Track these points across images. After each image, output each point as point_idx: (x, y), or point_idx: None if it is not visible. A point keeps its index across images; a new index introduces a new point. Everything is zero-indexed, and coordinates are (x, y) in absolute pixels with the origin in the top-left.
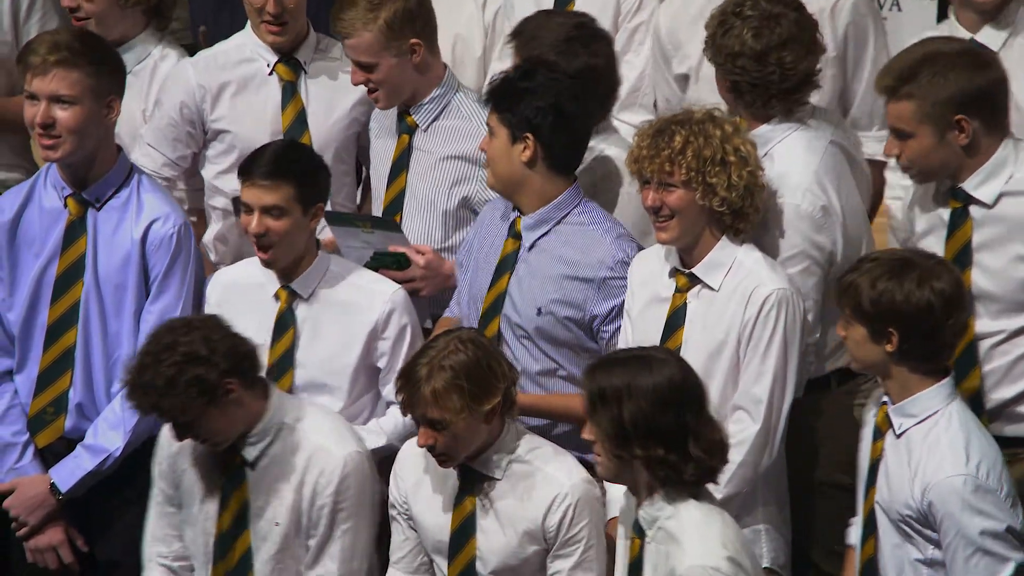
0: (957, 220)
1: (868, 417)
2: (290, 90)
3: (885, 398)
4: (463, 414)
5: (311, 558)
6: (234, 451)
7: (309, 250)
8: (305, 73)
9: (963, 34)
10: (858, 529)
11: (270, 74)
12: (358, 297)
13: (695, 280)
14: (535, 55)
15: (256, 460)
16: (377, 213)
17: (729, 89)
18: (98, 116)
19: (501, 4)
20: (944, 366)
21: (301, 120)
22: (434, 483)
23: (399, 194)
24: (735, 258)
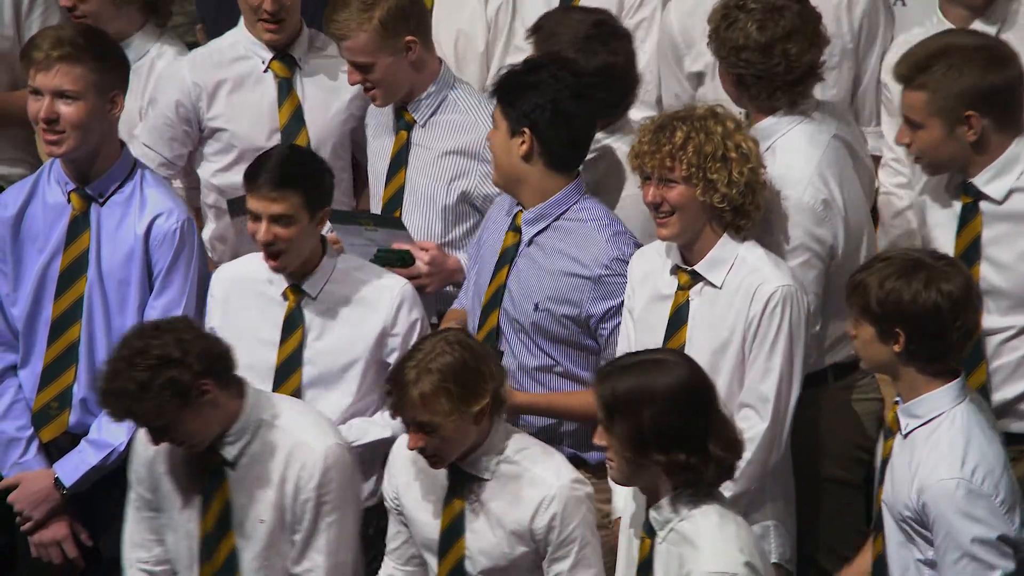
0: (967, 215)
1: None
2: (286, 87)
3: (898, 397)
4: (452, 417)
5: (297, 553)
6: (213, 452)
7: (316, 250)
8: (300, 69)
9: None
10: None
11: (265, 71)
12: (366, 293)
13: (697, 277)
14: (554, 51)
15: (236, 459)
16: (375, 210)
17: (734, 82)
18: (101, 111)
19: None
20: (954, 367)
21: (298, 116)
22: (425, 482)
23: (398, 190)
24: (737, 255)
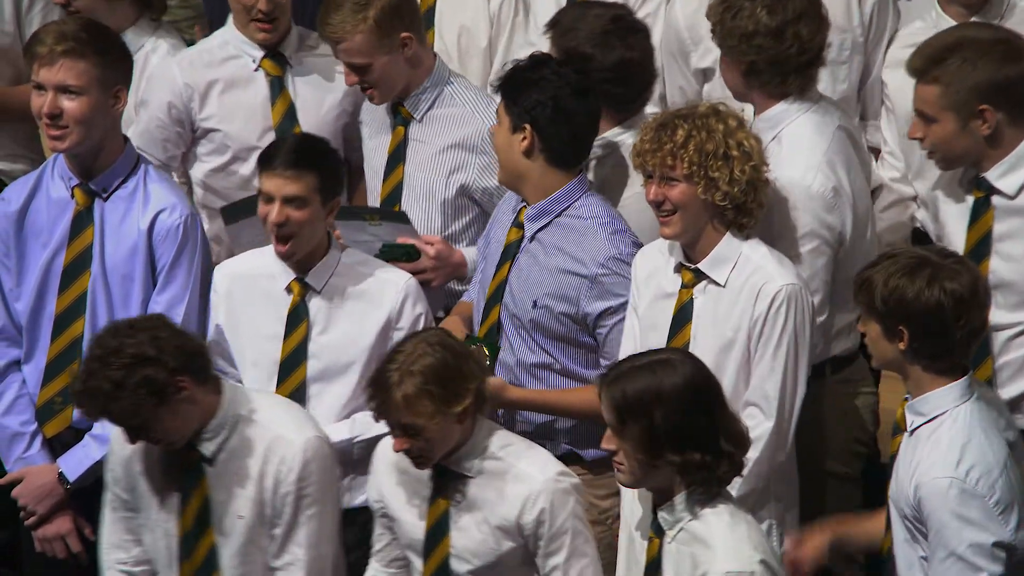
0: (979, 210)
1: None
2: (278, 85)
3: (908, 394)
4: (436, 418)
5: (277, 547)
6: (191, 449)
7: (323, 242)
8: (290, 68)
9: (949, 25)
10: None
11: (256, 70)
12: (370, 287)
13: (701, 276)
14: (571, 46)
15: (214, 455)
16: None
17: (744, 72)
18: (105, 106)
19: None
20: (962, 365)
21: (291, 115)
22: (409, 483)
23: (396, 186)
24: (740, 253)
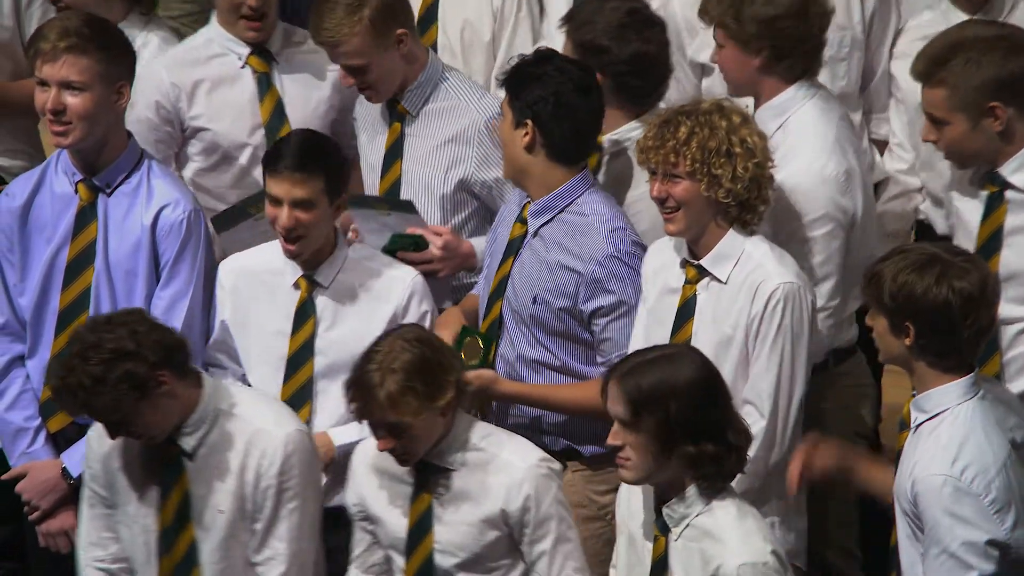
0: (992, 204)
1: None
2: (265, 82)
3: (914, 390)
4: (421, 415)
5: (258, 541)
6: (171, 443)
7: (330, 238)
8: (277, 64)
9: (958, 17)
10: None
11: (243, 67)
12: (377, 283)
13: (704, 272)
14: (587, 40)
15: (194, 450)
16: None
17: (766, 59)
18: (108, 102)
19: None
20: (968, 363)
21: (279, 111)
22: (390, 482)
23: (395, 182)
24: (743, 250)
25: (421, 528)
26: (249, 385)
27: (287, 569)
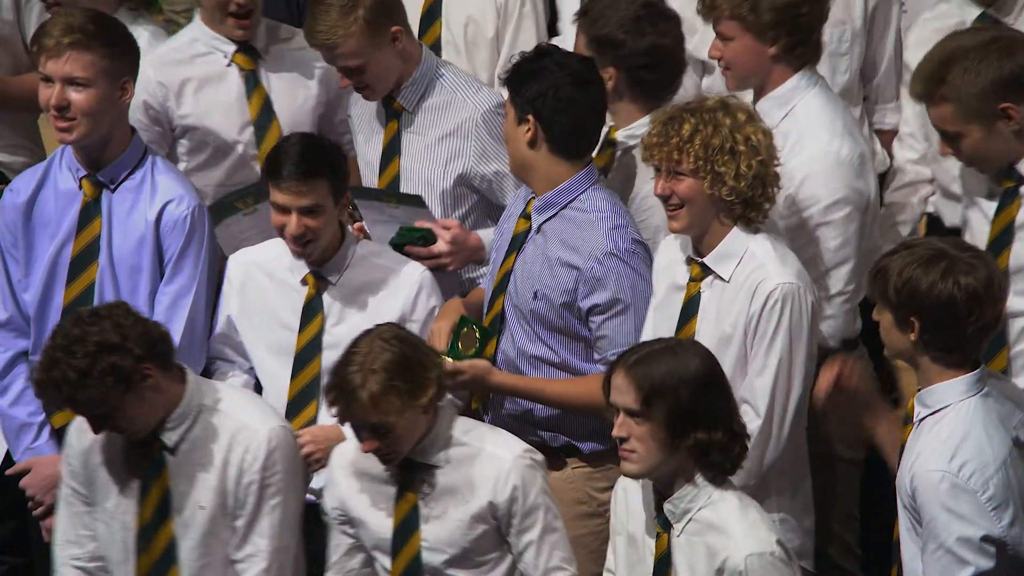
0: (1006, 199)
1: None
2: (252, 79)
3: (920, 384)
4: (404, 414)
5: (239, 538)
6: (153, 438)
7: (336, 235)
8: (263, 61)
9: (972, 9)
10: None
11: (228, 65)
12: (385, 279)
13: (707, 270)
14: (602, 34)
15: (176, 445)
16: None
17: (782, 48)
18: (112, 98)
19: None
20: (973, 359)
21: (267, 108)
22: (371, 483)
23: (394, 179)
24: (747, 249)
25: (406, 528)
26: (257, 379)
27: (268, 566)
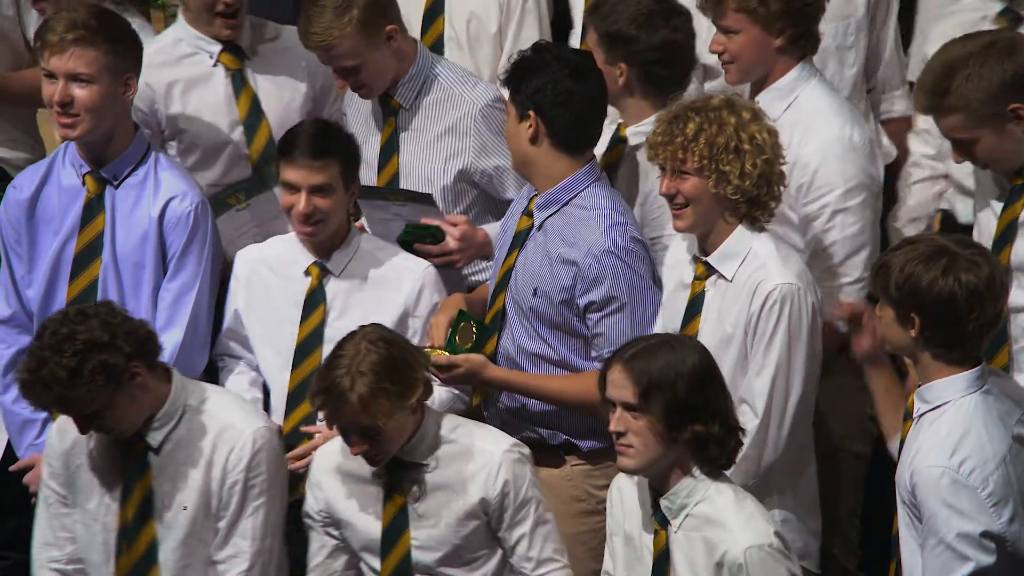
0: (1013, 196)
1: None
2: (239, 78)
3: (920, 380)
4: (394, 415)
5: (221, 539)
6: (137, 439)
7: (343, 226)
8: (249, 60)
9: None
10: None
11: (215, 65)
12: (388, 274)
13: (711, 269)
14: (614, 30)
15: (161, 445)
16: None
17: (790, 36)
18: (115, 94)
19: None
20: (974, 356)
21: (256, 107)
22: (357, 485)
23: (393, 176)
24: (750, 248)
25: (395, 528)
26: (261, 374)
27: (249, 567)
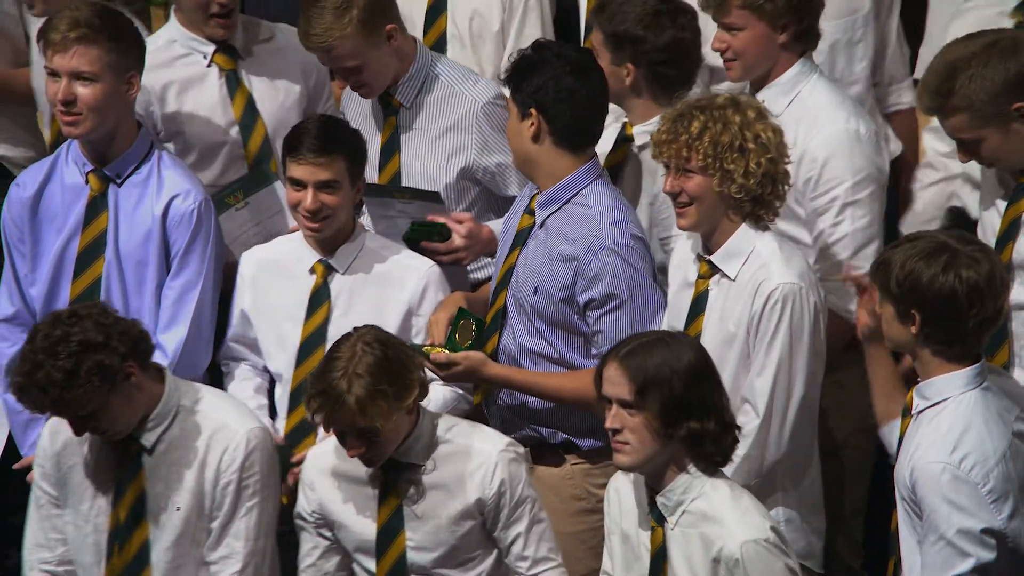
0: (1018, 194)
1: None
2: (233, 78)
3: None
4: (391, 416)
5: (214, 539)
6: (130, 440)
7: (349, 224)
8: (242, 60)
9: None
10: None
11: (208, 66)
12: (393, 272)
13: (715, 268)
14: (620, 30)
15: (154, 445)
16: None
17: (794, 31)
18: (118, 92)
19: None
20: (974, 353)
21: (251, 107)
22: (350, 485)
23: (395, 175)
24: (754, 247)
25: (390, 529)
26: (270, 374)
27: (242, 568)
